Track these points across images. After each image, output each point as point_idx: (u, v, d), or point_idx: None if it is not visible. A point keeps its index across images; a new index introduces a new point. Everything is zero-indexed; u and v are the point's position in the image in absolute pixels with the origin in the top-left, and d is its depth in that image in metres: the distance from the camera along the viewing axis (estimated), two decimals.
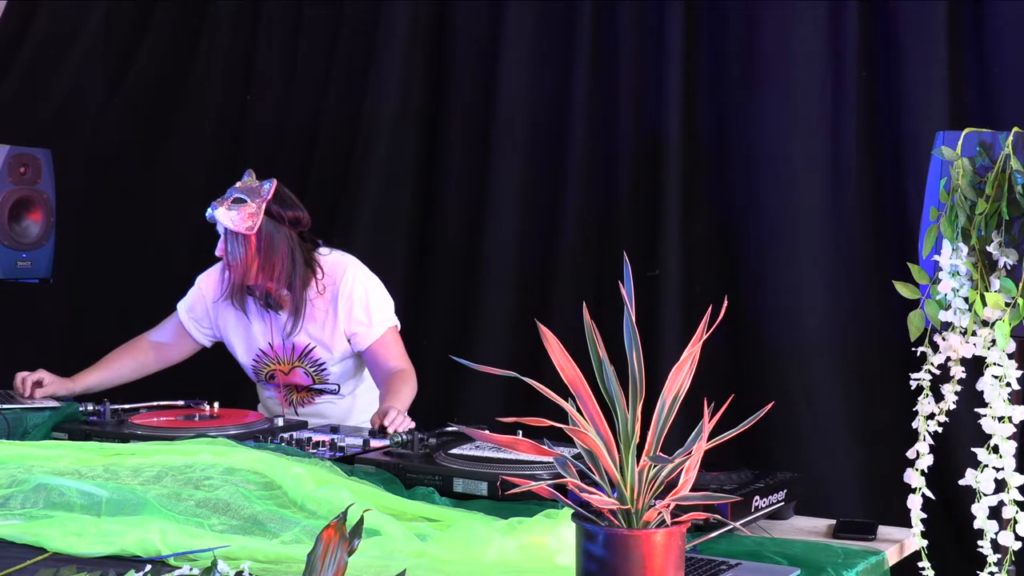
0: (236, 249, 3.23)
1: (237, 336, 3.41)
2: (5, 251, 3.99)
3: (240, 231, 3.21)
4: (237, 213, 3.21)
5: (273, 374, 3.39)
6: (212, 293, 3.42)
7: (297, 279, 3.26)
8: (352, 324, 3.30)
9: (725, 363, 3.77)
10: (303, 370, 3.36)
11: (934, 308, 2.20)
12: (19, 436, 2.98)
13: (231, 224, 3.21)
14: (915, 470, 2.22)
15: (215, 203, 3.25)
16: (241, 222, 3.20)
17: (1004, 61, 3.57)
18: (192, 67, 4.71)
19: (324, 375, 3.37)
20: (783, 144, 3.80)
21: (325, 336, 3.32)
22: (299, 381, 3.39)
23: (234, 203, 3.22)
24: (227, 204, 3.23)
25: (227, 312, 3.40)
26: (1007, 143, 2.22)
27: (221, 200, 3.25)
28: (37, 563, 2.08)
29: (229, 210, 3.21)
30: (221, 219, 3.22)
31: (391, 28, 4.34)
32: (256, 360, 3.40)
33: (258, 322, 3.36)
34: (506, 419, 1.80)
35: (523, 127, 4.18)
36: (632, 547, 1.65)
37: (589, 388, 1.71)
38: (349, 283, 3.31)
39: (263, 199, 3.22)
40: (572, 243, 4.08)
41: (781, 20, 3.80)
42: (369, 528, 2.06)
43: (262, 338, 3.37)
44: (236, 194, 3.23)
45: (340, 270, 3.33)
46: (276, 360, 3.38)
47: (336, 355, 3.35)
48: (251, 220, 3.20)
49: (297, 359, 3.36)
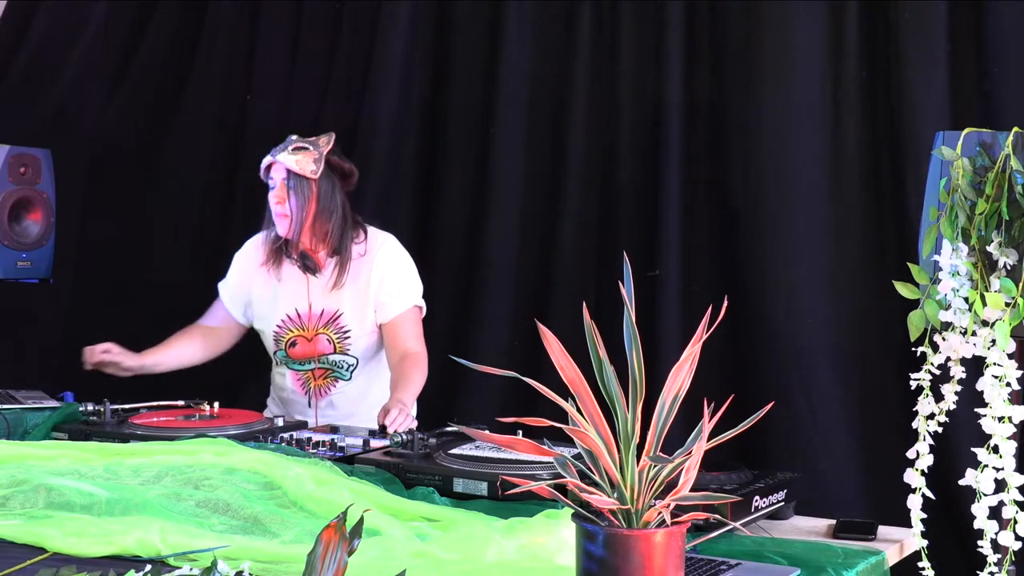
0: (298, 194, 3.29)
1: (264, 301, 3.44)
2: (5, 251, 3.99)
3: (305, 174, 3.28)
4: (301, 156, 3.28)
5: (295, 341, 3.40)
6: (249, 261, 3.49)
7: (347, 233, 3.35)
8: (383, 292, 3.36)
9: (725, 363, 3.77)
10: (327, 337, 3.37)
11: (934, 308, 2.20)
12: (19, 436, 2.99)
13: (296, 167, 3.28)
14: (915, 470, 2.22)
15: (275, 149, 3.33)
16: (306, 164, 3.24)
17: (1004, 61, 3.57)
18: (192, 67, 4.71)
19: (346, 344, 3.39)
20: (783, 144, 3.80)
21: (356, 299, 3.36)
22: (321, 349, 3.39)
23: (296, 150, 3.30)
24: (290, 150, 3.30)
25: (258, 278, 3.46)
26: (1007, 143, 2.22)
27: (281, 148, 3.32)
28: (37, 563, 2.08)
29: (293, 154, 3.28)
30: (284, 161, 3.29)
31: (391, 28, 4.34)
32: (280, 326, 3.42)
33: (291, 285, 3.41)
34: (506, 419, 1.80)
35: (523, 127, 4.18)
36: (632, 547, 1.65)
37: (589, 388, 1.71)
38: (389, 253, 3.41)
39: (324, 148, 3.32)
40: (572, 243, 4.09)
41: (781, 20, 3.80)
42: (369, 528, 2.05)
43: (291, 302, 3.40)
44: (297, 143, 3.32)
45: (381, 239, 3.43)
46: (301, 326, 3.40)
47: (361, 323, 3.37)
48: (315, 165, 3.28)
49: (323, 326, 3.38)
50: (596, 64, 4.08)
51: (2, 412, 3.07)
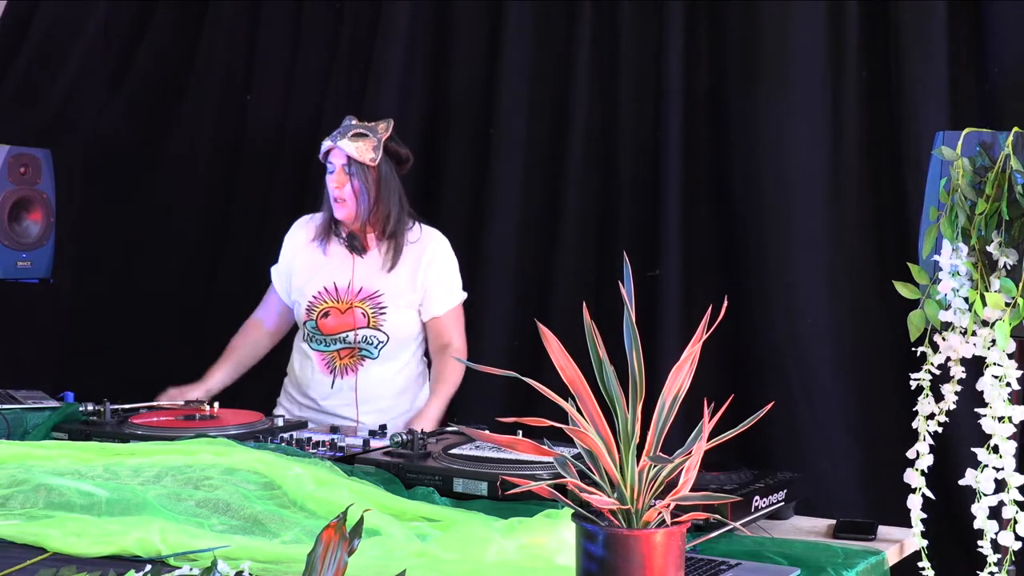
0: (357, 180, 3.35)
1: (304, 272, 3.48)
2: (5, 251, 3.99)
3: (364, 161, 3.33)
4: (362, 143, 3.33)
5: (328, 312, 3.42)
6: (297, 240, 3.53)
7: (402, 219, 3.43)
8: (435, 285, 3.44)
9: (725, 363, 3.77)
10: (362, 310, 3.39)
11: (934, 308, 2.20)
12: (19, 436, 2.98)
13: (356, 154, 3.33)
14: (915, 470, 2.22)
15: (335, 134, 3.37)
16: (366, 152, 3.30)
17: (1004, 61, 3.57)
18: (192, 67, 4.71)
19: (380, 319, 3.40)
20: (783, 144, 3.80)
21: (401, 282, 3.41)
22: (355, 322, 3.41)
23: (356, 136, 3.34)
24: (350, 136, 3.34)
25: (303, 252, 3.50)
26: (1007, 143, 2.22)
27: (341, 133, 3.37)
28: (37, 563, 2.08)
29: (353, 141, 3.33)
30: (346, 148, 3.34)
31: (391, 28, 4.33)
32: (316, 297, 3.44)
33: (335, 261, 3.45)
34: (506, 419, 1.80)
35: (523, 127, 4.17)
36: (632, 547, 1.65)
37: (589, 388, 1.71)
38: (442, 246, 3.50)
39: (383, 134, 3.37)
40: (572, 243, 4.08)
41: (781, 20, 3.80)
42: (369, 528, 2.06)
43: (331, 276, 3.44)
44: (356, 129, 3.36)
45: (434, 233, 3.52)
46: (337, 299, 3.42)
47: (399, 305, 3.42)
48: (374, 152, 3.34)
49: (358, 300, 3.40)
50: (596, 64, 4.08)
51: (2, 412, 3.07)
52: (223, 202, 4.64)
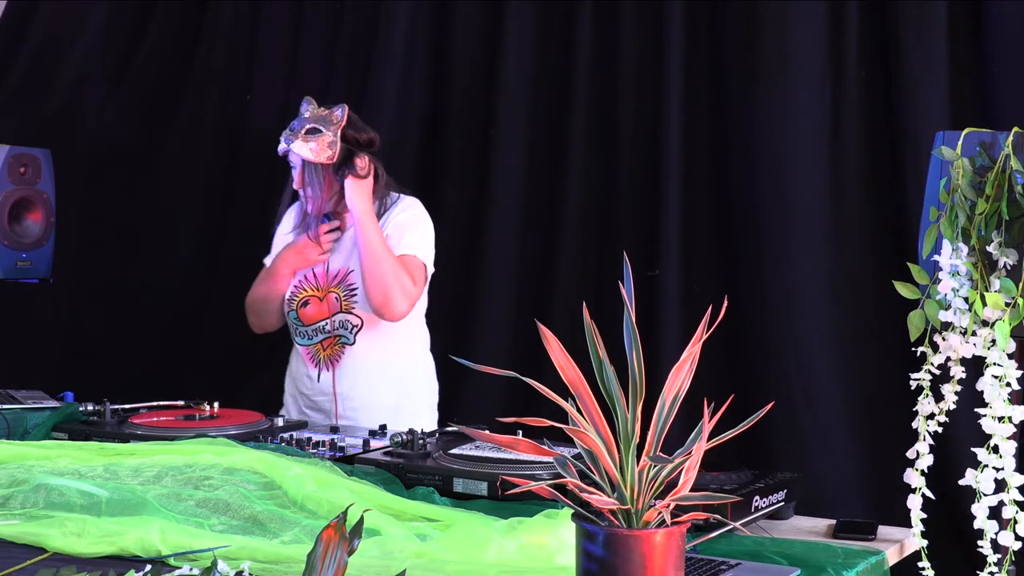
0: (315, 179, 3.28)
1: None
2: (5, 251, 3.98)
3: (320, 161, 3.24)
4: (315, 143, 3.24)
5: (307, 301, 3.40)
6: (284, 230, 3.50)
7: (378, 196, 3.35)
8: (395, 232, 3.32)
9: (725, 363, 3.77)
10: (336, 295, 3.36)
11: (934, 308, 2.20)
12: (19, 436, 2.98)
13: (311, 155, 3.24)
14: (915, 470, 2.22)
15: (287, 136, 3.27)
16: (320, 151, 3.22)
17: (1004, 61, 3.57)
18: (192, 67, 4.71)
19: (352, 302, 3.36)
20: (783, 143, 3.80)
21: None
22: (330, 308, 3.38)
23: (309, 133, 3.25)
24: (302, 136, 3.25)
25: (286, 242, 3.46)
26: (1007, 143, 2.22)
27: (294, 132, 3.27)
28: (37, 563, 2.09)
29: (306, 142, 3.24)
30: (299, 151, 3.25)
31: (391, 28, 4.34)
32: (297, 286, 3.42)
33: None
34: (506, 419, 1.80)
35: (523, 127, 4.18)
36: (632, 547, 1.65)
37: (589, 388, 1.71)
38: (407, 208, 3.38)
39: (337, 126, 3.26)
40: (572, 242, 4.09)
41: (781, 20, 3.80)
42: (369, 528, 2.06)
43: None
44: (309, 124, 3.26)
45: (408, 199, 3.41)
46: (316, 286, 3.39)
47: None
48: (330, 149, 3.23)
49: (334, 284, 3.37)
50: (596, 64, 4.08)
51: (2, 412, 3.07)
52: (223, 202, 4.64)
